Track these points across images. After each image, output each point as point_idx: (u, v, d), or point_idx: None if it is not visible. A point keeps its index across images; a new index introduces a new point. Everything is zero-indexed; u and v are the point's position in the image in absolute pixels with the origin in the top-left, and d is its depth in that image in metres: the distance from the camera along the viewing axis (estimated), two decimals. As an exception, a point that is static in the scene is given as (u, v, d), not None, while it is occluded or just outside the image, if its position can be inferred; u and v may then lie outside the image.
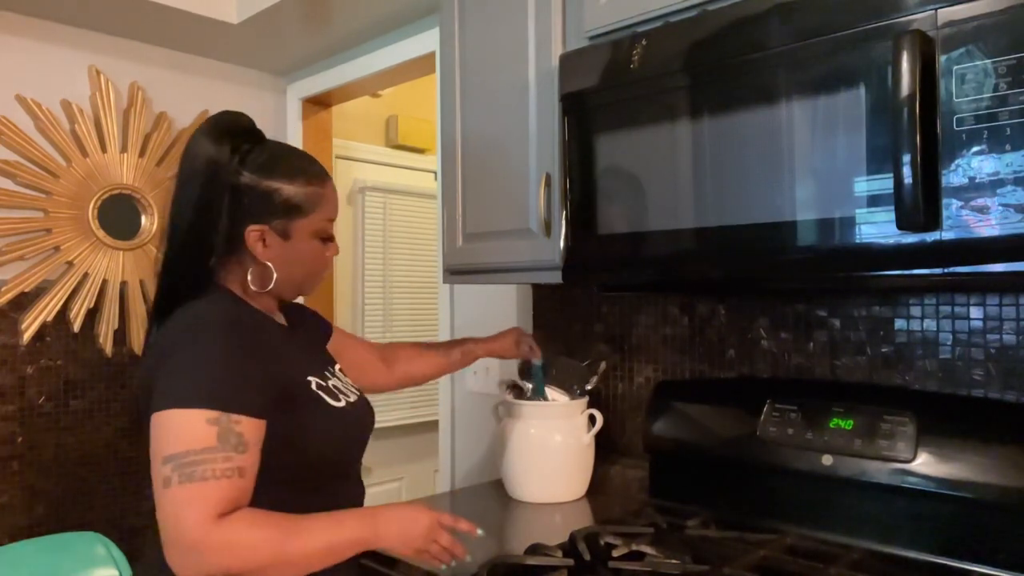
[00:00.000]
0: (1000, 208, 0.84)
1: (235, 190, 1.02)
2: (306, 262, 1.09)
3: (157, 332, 1.02)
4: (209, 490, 0.85)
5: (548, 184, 1.38)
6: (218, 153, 1.02)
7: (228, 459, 0.87)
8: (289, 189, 1.04)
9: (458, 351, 1.53)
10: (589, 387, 1.59)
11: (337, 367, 1.22)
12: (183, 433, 0.87)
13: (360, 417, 1.14)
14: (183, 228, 1.02)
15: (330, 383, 1.10)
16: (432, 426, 2.33)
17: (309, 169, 1.08)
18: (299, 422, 1.00)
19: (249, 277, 1.06)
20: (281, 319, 1.15)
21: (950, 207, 0.87)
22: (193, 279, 1.03)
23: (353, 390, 1.17)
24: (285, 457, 0.98)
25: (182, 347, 0.93)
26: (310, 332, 1.28)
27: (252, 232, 1.03)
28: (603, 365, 1.61)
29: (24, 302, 2.14)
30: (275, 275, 1.06)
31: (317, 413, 1.03)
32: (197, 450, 0.86)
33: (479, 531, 1.05)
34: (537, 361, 1.53)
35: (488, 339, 1.56)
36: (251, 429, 0.91)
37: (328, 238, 1.11)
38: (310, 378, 1.06)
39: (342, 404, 1.08)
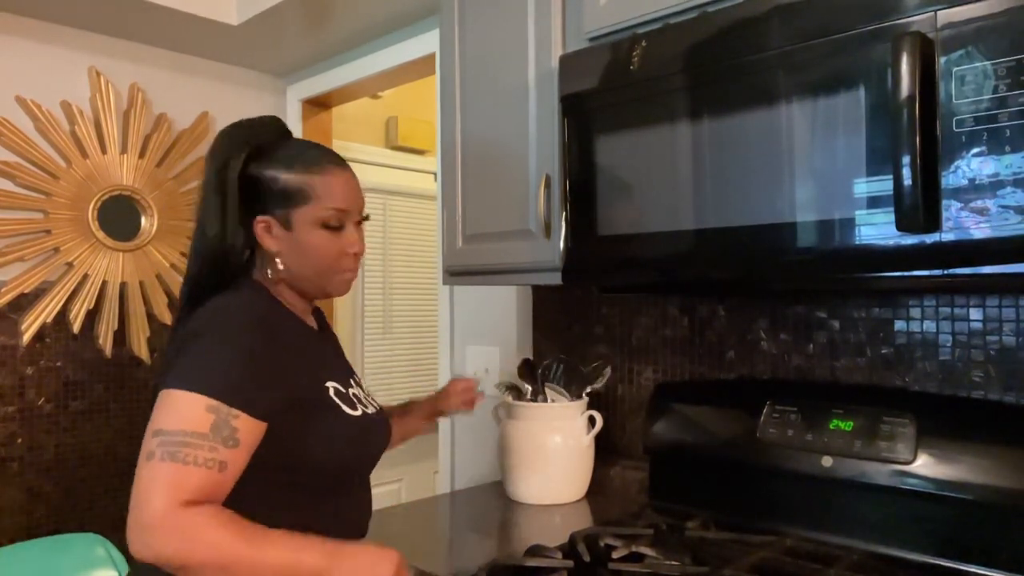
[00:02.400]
0: (1000, 209, 0.84)
1: (243, 182, 1.04)
2: (312, 254, 1.06)
3: (185, 319, 1.01)
4: (186, 475, 0.84)
5: (548, 185, 1.38)
6: (231, 148, 1.05)
7: (214, 449, 0.87)
8: (286, 177, 1.04)
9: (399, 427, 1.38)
10: (593, 388, 1.59)
11: (363, 382, 1.21)
12: (179, 413, 0.87)
13: (374, 429, 1.12)
14: (202, 222, 1.05)
15: (351, 391, 1.10)
16: (432, 427, 2.33)
17: (308, 157, 1.07)
18: (311, 426, 1.00)
19: (268, 270, 1.08)
20: (313, 323, 1.15)
21: (950, 208, 0.87)
22: (216, 272, 1.04)
23: (373, 404, 1.16)
24: (293, 460, 0.98)
25: (203, 335, 0.94)
26: (336, 342, 1.28)
27: (259, 223, 1.05)
28: (608, 370, 1.61)
29: (24, 303, 2.14)
30: (280, 266, 1.06)
31: (330, 420, 1.03)
32: (187, 432, 0.86)
33: None
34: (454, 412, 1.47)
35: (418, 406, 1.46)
36: (248, 428, 0.90)
37: (336, 227, 1.07)
38: (330, 383, 1.06)
39: (358, 413, 1.07)
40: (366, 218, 1.14)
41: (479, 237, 1.54)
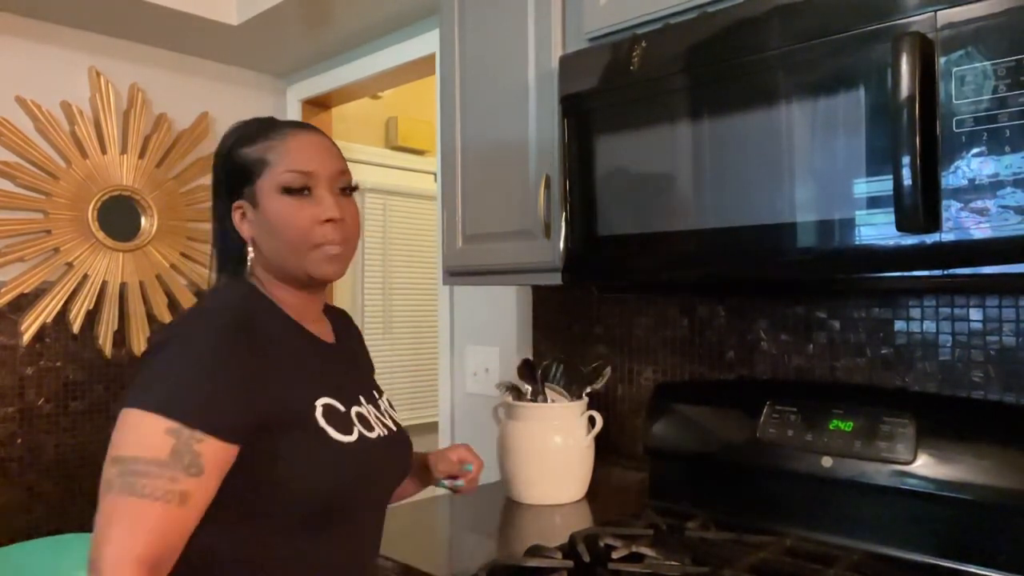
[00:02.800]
0: (999, 210, 0.84)
1: (226, 174, 0.99)
2: (279, 225, 0.93)
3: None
4: (143, 512, 0.76)
5: (548, 185, 1.38)
6: (222, 145, 1.01)
7: (174, 480, 0.78)
8: (247, 151, 0.96)
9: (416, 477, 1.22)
10: (593, 388, 1.59)
11: (384, 397, 1.09)
12: (138, 437, 0.79)
13: (378, 455, 0.97)
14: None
15: (355, 411, 0.96)
16: (432, 427, 2.33)
17: (268, 125, 0.99)
18: (284, 451, 0.87)
19: (258, 266, 0.99)
20: (321, 330, 1.02)
21: (950, 209, 0.87)
22: (218, 270, 1.01)
23: (389, 425, 1.03)
24: (272, 492, 0.87)
25: (169, 344, 0.85)
26: (358, 354, 1.14)
27: (235, 211, 0.97)
28: (608, 370, 1.61)
29: (24, 303, 2.14)
30: (259, 252, 0.97)
31: (313, 445, 0.89)
32: (146, 459, 0.78)
33: None
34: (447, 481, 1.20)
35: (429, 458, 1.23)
36: (214, 452, 0.80)
37: (298, 191, 0.94)
38: (321, 401, 0.92)
39: (351, 438, 0.92)
40: (354, 188, 1.01)
41: (479, 237, 1.54)
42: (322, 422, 0.90)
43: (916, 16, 0.90)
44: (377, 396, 1.07)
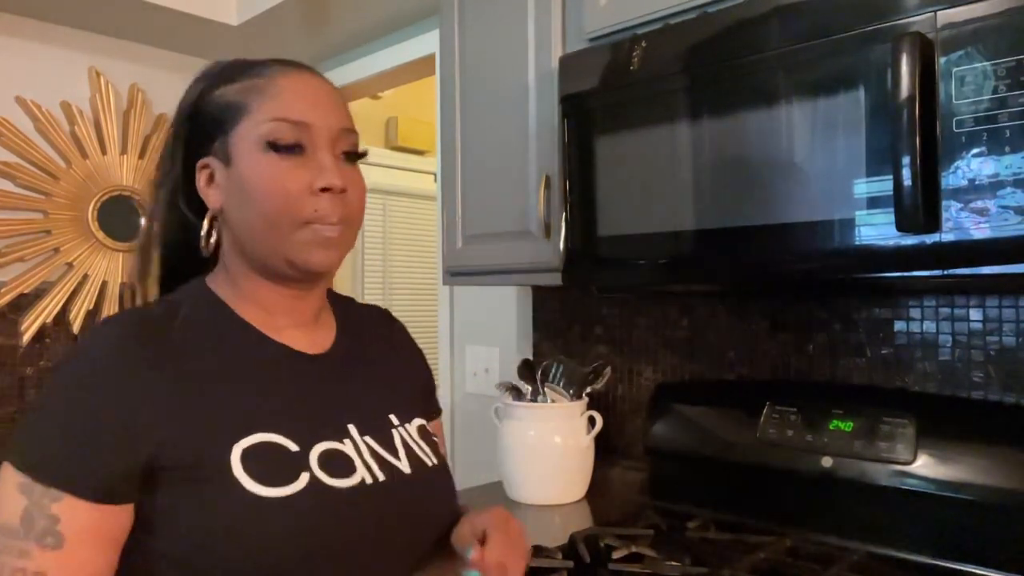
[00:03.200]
0: (999, 210, 0.84)
1: (187, 128, 0.77)
2: (256, 191, 0.70)
3: None
4: None
5: (548, 186, 1.38)
6: (188, 93, 0.79)
7: (24, 554, 0.60)
8: (222, 92, 0.74)
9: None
10: (593, 388, 1.59)
11: (412, 424, 0.82)
12: None
13: (347, 509, 0.69)
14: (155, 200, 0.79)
15: (322, 448, 0.70)
16: (432, 428, 2.34)
17: (251, 62, 0.76)
18: (184, 513, 0.65)
19: (228, 256, 0.76)
20: (305, 338, 0.78)
21: (950, 209, 0.87)
22: (171, 267, 0.79)
23: (397, 465, 0.76)
24: (170, 568, 0.65)
25: (51, 376, 0.67)
26: (374, 366, 0.86)
27: (201, 173, 0.75)
28: (608, 370, 1.60)
29: (24, 303, 2.14)
30: (227, 228, 0.75)
31: (216, 502, 0.65)
32: None
33: None
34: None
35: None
36: (77, 516, 0.61)
37: (288, 148, 0.71)
38: (251, 440, 0.67)
39: (286, 491, 0.66)
40: (362, 155, 0.77)
41: (479, 237, 1.54)
42: (237, 469, 0.65)
43: (916, 16, 0.90)
44: (396, 422, 0.80)
